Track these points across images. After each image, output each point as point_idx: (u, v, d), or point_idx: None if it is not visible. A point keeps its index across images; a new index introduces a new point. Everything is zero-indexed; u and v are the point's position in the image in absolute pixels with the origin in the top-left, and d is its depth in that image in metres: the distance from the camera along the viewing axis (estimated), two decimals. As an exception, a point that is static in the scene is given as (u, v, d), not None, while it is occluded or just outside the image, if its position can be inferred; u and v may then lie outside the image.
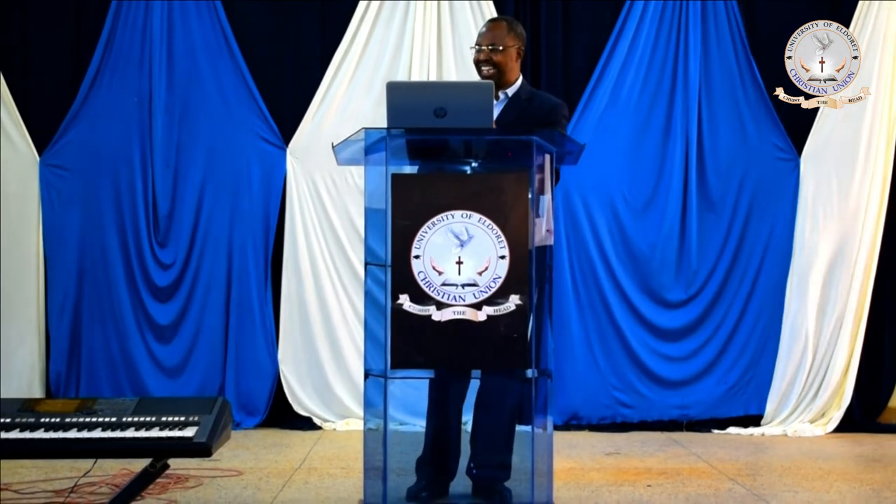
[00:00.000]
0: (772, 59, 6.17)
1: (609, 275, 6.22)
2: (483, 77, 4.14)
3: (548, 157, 3.79)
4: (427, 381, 4.02)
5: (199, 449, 3.10)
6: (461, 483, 4.01)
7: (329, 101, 6.16)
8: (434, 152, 3.89)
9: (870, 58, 6.05)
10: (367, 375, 3.80)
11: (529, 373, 3.69)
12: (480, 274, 3.61)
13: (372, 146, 3.73)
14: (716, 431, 6.12)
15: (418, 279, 3.61)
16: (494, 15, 6.11)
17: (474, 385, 4.01)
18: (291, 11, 6.27)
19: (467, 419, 4.08)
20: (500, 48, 4.14)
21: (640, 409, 6.19)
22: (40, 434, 3.12)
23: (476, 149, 3.85)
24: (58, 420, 3.18)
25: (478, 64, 4.18)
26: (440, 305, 3.60)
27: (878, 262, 6.16)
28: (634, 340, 6.22)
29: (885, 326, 6.26)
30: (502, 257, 3.62)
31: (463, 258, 3.62)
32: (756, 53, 6.22)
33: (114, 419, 3.19)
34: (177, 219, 6.19)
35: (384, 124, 3.72)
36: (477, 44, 4.19)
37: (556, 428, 5.13)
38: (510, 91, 4.18)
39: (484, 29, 4.25)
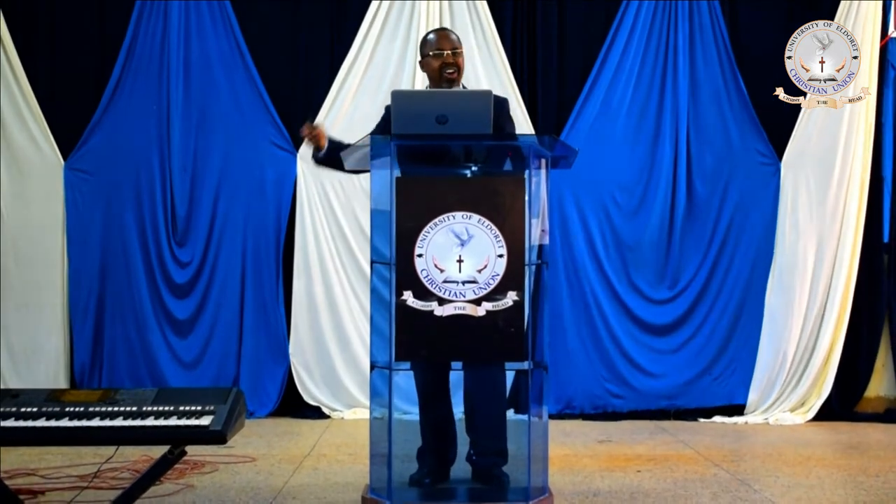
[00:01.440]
0: (755, 70, 6.19)
1: (600, 273, 6.22)
2: (447, 79, 4.07)
3: (543, 161, 3.79)
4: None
5: (215, 437, 3.09)
6: (460, 469, 4.00)
7: (337, 108, 6.16)
8: (436, 157, 3.88)
9: (850, 61, 6.04)
10: (372, 367, 3.80)
11: (526, 365, 3.69)
12: (480, 272, 3.61)
13: (377, 151, 3.72)
14: (702, 420, 6.11)
15: (421, 276, 3.60)
16: (493, 29, 6.11)
17: (455, 376, 4.00)
18: (302, 24, 6.27)
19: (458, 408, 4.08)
20: (460, 52, 4.13)
21: (630, 399, 6.19)
22: (65, 422, 3.11)
23: (475, 153, 3.84)
24: (82, 409, 3.18)
25: (443, 67, 4.07)
26: (442, 301, 3.60)
27: (858, 260, 6.14)
28: (624, 335, 6.22)
29: (862, 320, 6.24)
30: (500, 256, 3.61)
31: (463, 257, 3.61)
32: (740, 64, 6.22)
33: (134, 408, 3.18)
34: (194, 220, 6.19)
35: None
36: (439, 48, 4.09)
37: (551, 417, 5.13)
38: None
39: (435, 36, 4.16)
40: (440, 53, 4.09)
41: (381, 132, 3.94)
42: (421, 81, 6.08)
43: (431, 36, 4.20)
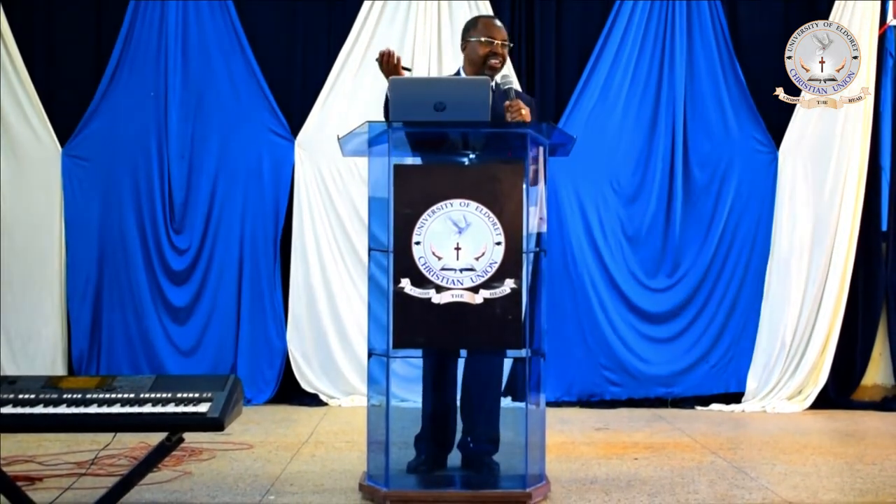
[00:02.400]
0: (753, 58, 6.18)
1: (598, 261, 6.22)
2: (491, 67, 4.06)
3: (541, 149, 3.78)
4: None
5: (213, 424, 3.10)
6: (456, 456, 4.00)
7: (335, 95, 6.15)
8: (434, 144, 3.88)
9: (846, 56, 6.03)
10: (370, 355, 3.80)
11: (523, 352, 3.69)
12: (477, 259, 3.61)
13: (375, 138, 3.71)
14: (699, 408, 6.12)
15: (419, 264, 3.60)
16: (491, 14, 6.09)
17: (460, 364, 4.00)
18: (300, 12, 6.25)
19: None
20: (508, 45, 4.13)
21: (628, 387, 6.19)
22: (63, 409, 3.11)
23: (473, 141, 3.84)
24: (79, 396, 3.18)
25: (489, 56, 4.06)
26: (439, 289, 3.60)
27: (856, 249, 6.14)
28: (622, 323, 6.22)
29: (859, 308, 6.25)
30: (498, 243, 3.61)
31: (461, 244, 3.61)
32: (738, 52, 6.21)
33: (132, 395, 3.18)
34: (191, 207, 6.19)
35: (386, 118, 3.71)
36: (490, 36, 4.07)
37: (549, 404, 5.14)
38: (498, 80, 4.15)
39: (487, 23, 4.15)
40: (490, 42, 4.08)
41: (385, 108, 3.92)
42: (419, 68, 6.07)
43: (482, 22, 4.19)
